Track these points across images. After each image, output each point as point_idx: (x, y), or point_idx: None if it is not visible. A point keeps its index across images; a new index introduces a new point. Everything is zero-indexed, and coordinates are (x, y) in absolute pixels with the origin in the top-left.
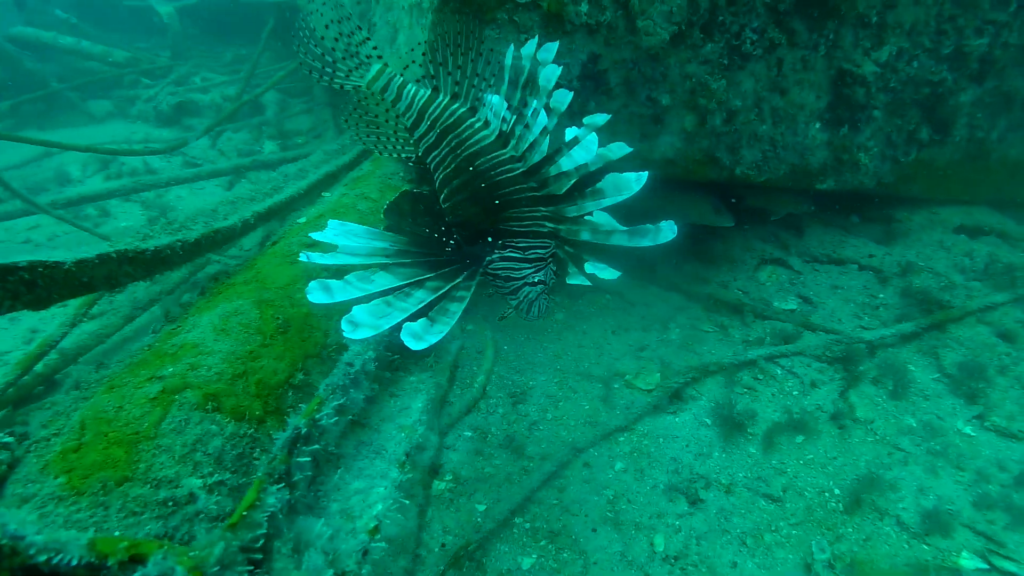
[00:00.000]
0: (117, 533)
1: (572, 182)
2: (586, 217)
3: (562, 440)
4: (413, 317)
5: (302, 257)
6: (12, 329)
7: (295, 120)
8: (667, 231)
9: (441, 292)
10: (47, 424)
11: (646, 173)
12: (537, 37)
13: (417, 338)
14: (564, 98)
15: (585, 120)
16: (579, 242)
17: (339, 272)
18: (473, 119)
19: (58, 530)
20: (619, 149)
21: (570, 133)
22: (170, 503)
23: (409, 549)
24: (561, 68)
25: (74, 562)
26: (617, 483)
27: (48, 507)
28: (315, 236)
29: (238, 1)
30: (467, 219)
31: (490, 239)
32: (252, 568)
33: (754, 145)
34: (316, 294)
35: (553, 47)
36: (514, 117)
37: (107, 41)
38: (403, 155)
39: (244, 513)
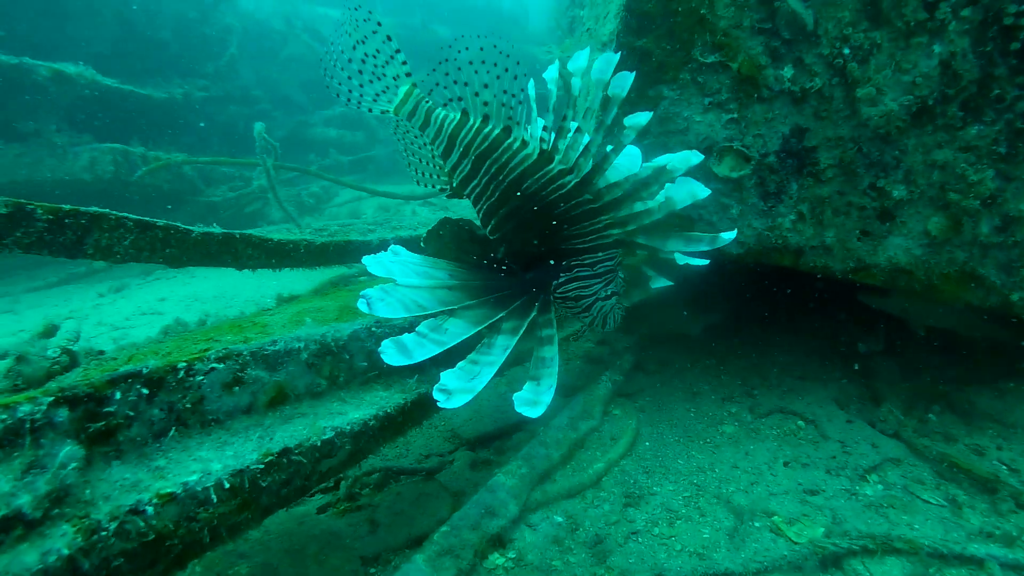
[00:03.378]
0: None
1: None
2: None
3: (656, 562)
4: (503, 367)
5: (361, 306)
6: None
7: None
8: (725, 236)
9: (521, 332)
10: (120, 350)
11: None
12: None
13: (533, 404)
14: (624, 82)
15: (626, 121)
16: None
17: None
18: (509, 140)
19: None
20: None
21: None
22: None
23: None
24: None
25: None
26: None
27: None
28: (371, 267)
29: None
30: (522, 247)
31: (552, 262)
32: None
33: None
34: (391, 354)
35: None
36: (554, 133)
37: None
38: (438, 186)
39: None
